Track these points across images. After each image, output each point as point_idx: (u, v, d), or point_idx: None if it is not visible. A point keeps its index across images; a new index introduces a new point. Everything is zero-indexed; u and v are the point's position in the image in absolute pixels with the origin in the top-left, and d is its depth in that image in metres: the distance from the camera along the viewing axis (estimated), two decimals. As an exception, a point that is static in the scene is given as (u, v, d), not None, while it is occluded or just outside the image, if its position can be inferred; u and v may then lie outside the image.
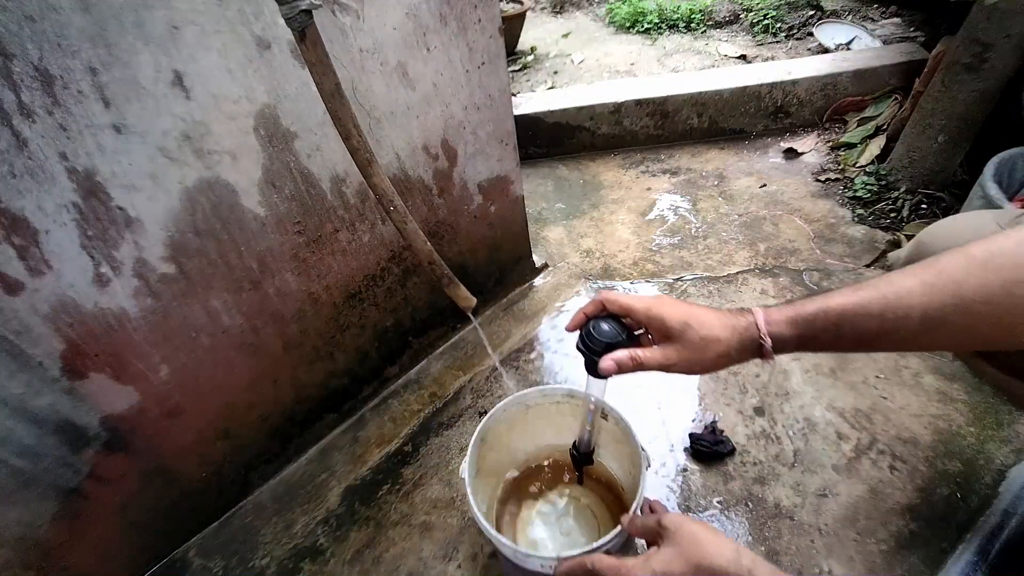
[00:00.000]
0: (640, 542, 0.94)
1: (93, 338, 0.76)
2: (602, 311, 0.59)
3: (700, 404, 1.15)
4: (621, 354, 0.56)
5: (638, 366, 0.55)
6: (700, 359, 0.53)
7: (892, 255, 0.81)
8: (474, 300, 0.86)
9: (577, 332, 0.61)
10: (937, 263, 0.45)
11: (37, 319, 0.70)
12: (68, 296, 0.71)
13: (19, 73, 0.59)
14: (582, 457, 0.83)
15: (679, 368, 0.54)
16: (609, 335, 0.56)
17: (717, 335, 0.52)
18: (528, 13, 2.87)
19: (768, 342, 0.50)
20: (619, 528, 0.68)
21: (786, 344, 0.51)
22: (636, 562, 0.56)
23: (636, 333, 0.60)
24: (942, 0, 1.86)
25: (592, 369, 0.60)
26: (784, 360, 1.21)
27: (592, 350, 0.58)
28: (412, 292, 1.19)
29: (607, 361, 0.56)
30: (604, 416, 0.85)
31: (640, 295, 0.59)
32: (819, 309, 0.49)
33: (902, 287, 0.45)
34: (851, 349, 0.51)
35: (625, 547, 0.77)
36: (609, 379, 0.61)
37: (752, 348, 0.52)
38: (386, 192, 0.72)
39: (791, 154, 1.93)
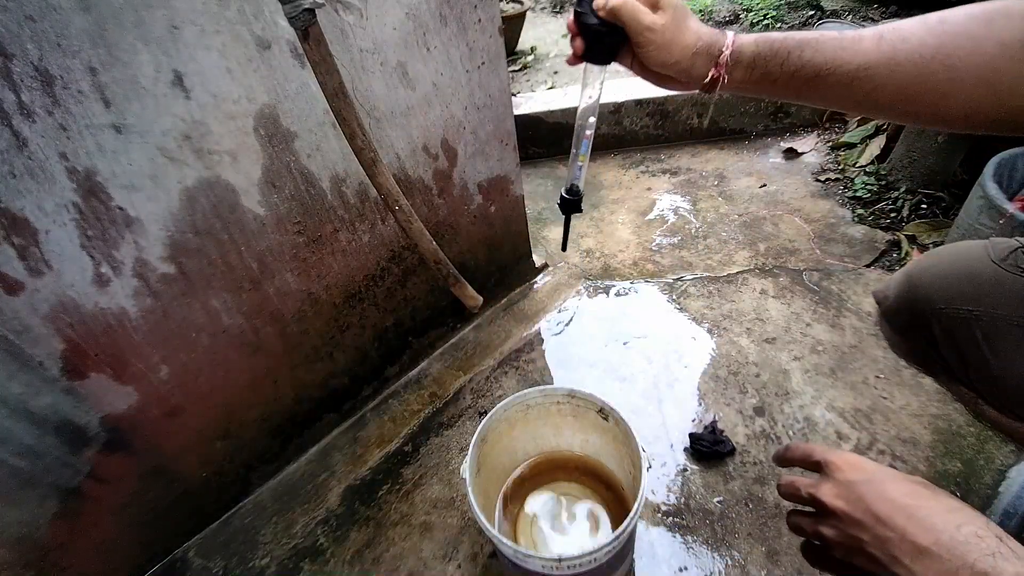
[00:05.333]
0: (639, 545, 0.94)
1: (93, 338, 0.75)
2: None
3: (700, 404, 1.15)
4: None
5: (631, 7, 0.53)
6: (674, 35, 0.53)
7: (878, 290, 0.81)
8: (480, 299, 0.86)
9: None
10: (900, 22, 0.49)
11: (37, 319, 0.70)
12: (68, 296, 0.71)
13: (19, 73, 0.59)
14: (571, 201, 0.72)
15: (655, 35, 0.53)
16: None
17: (694, 26, 0.54)
18: (528, 13, 2.87)
19: (729, 50, 0.53)
20: (621, 528, 0.68)
21: (741, 58, 0.54)
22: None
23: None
24: (942, 0, 1.86)
25: (590, 38, 0.55)
26: (784, 360, 1.21)
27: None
28: (412, 292, 1.19)
29: None
30: (604, 416, 0.85)
31: None
32: (781, 36, 0.53)
33: (861, 35, 0.49)
34: (790, 84, 0.53)
35: (626, 548, 0.77)
36: (608, 64, 0.58)
37: (713, 53, 0.54)
38: (391, 191, 0.72)
39: (791, 154, 1.93)
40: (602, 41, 0.55)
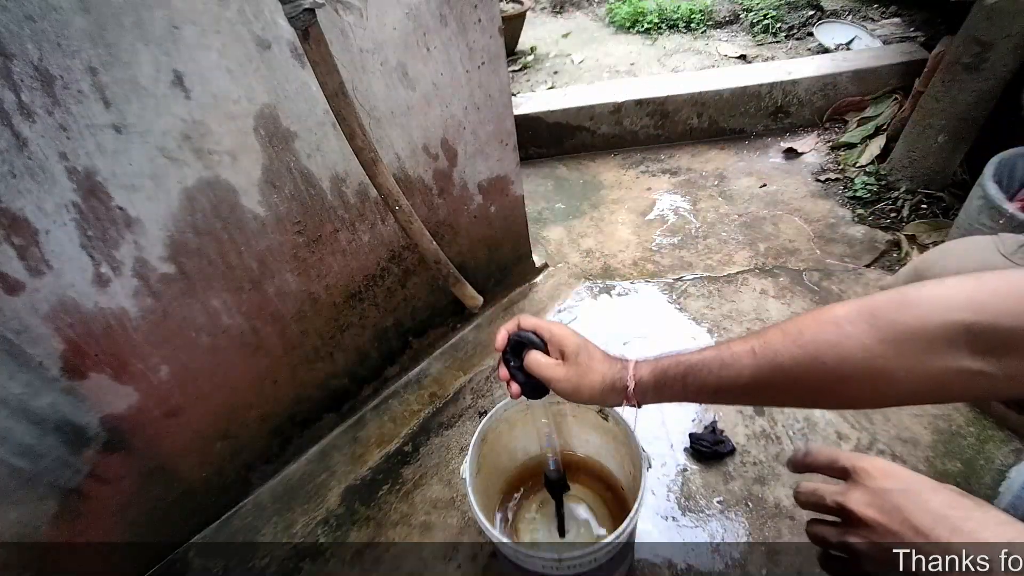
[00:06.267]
0: (639, 544, 0.94)
1: (93, 338, 0.75)
2: (518, 327, 0.65)
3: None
4: (539, 356, 0.63)
5: (540, 367, 0.62)
6: (579, 382, 0.60)
7: (886, 284, 0.81)
8: (481, 299, 0.86)
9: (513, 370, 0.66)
10: (765, 334, 0.53)
11: (37, 319, 0.70)
12: (68, 296, 0.71)
13: (19, 73, 0.59)
14: (557, 482, 0.81)
15: (563, 384, 0.60)
16: (535, 340, 0.64)
17: (599, 367, 0.60)
18: (528, 13, 2.87)
19: (632, 384, 0.58)
20: (621, 528, 0.68)
21: (646, 389, 0.58)
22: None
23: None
24: (942, 0, 1.86)
25: (522, 378, 0.65)
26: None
27: (519, 352, 0.65)
28: (412, 292, 1.19)
29: (534, 355, 0.62)
30: (604, 416, 0.85)
31: (548, 320, 0.69)
32: (673, 362, 0.57)
33: (737, 351, 0.53)
34: (698, 399, 0.58)
35: (626, 547, 0.77)
36: (544, 398, 0.66)
37: (619, 389, 0.59)
38: (391, 191, 0.72)
39: (791, 154, 1.93)
40: (532, 387, 0.65)
